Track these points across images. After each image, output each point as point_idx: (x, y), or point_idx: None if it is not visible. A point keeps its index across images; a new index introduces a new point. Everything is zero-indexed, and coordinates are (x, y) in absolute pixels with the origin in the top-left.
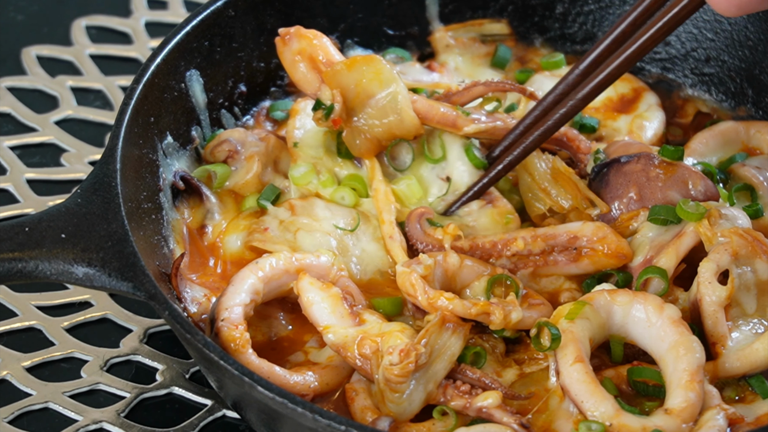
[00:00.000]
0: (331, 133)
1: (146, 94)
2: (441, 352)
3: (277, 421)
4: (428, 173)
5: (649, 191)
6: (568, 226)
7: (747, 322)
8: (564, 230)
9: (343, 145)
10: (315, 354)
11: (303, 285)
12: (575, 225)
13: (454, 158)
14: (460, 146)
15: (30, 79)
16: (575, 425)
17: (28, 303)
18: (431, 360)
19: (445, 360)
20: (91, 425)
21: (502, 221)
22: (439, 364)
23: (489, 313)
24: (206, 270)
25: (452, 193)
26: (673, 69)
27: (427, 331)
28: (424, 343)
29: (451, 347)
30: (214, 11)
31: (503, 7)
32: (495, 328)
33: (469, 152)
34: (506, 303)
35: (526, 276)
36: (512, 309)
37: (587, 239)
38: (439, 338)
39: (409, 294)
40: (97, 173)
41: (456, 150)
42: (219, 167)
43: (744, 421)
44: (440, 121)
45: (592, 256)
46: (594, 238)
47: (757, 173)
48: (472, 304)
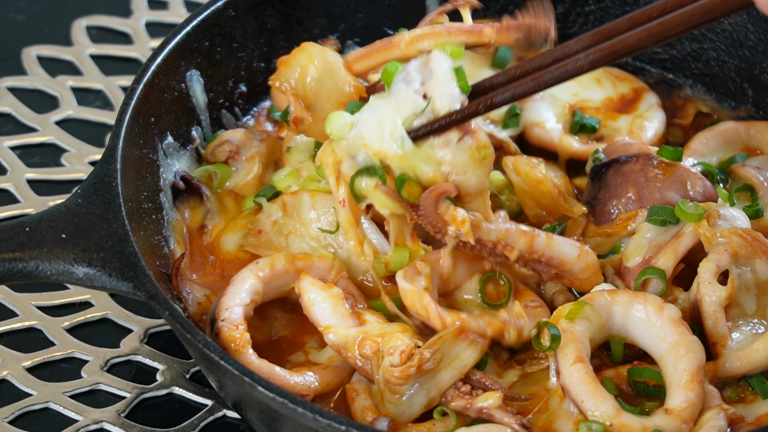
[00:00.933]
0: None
1: (147, 95)
2: (451, 361)
3: (278, 421)
4: (404, 89)
5: (648, 191)
6: (563, 251)
7: (747, 323)
8: (558, 254)
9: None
10: (315, 354)
11: (304, 285)
12: (570, 255)
13: (440, 77)
14: (449, 65)
15: (30, 79)
16: (576, 425)
17: (29, 303)
18: (439, 367)
19: (454, 369)
20: (92, 425)
21: (480, 156)
22: (446, 372)
23: (504, 331)
24: (206, 270)
25: (426, 114)
26: (674, 69)
27: (440, 338)
28: (433, 349)
29: (463, 358)
30: (215, 11)
31: (503, 7)
32: (508, 345)
33: (459, 73)
34: (516, 316)
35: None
36: (524, 324)
37: (574, 273)
38: (453, 347)
39: (419, 314)
40: (97, 173)
41: (443, 68)
42: (220, 168)
43: (744, 421)
44: (379, 49)
45: (569, 281)
46: (581, 276)
47: (758, 173)
48: (487, 325)
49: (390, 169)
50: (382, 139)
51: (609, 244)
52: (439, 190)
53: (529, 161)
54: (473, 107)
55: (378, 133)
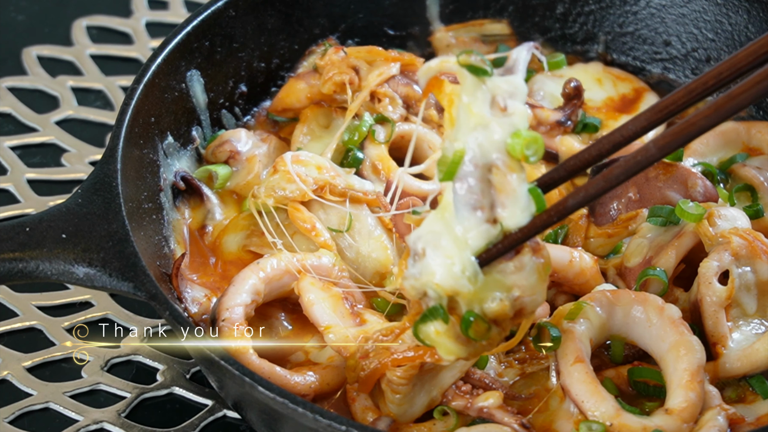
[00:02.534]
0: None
1: (147, 95)
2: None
3: (278, 421)
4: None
5: (649, 191)
6: (554, 258)
7: (747, 323)
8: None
9: (346, 161)
10: (316, 354)
11: (304, 285)
12: (562, 261)
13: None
14: (524, 185)
15: (30, 79)
16: (576, 425)
17: (29, 303)
18: (441, 366)
19: (455, 368)
20: (92, 425)
21: (545, 273)
22: (448, 372)
23: None
24: (207, 270)
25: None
26: (674, 69)
27: None
28: None
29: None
30: (215, 11)
31: (504, 7)
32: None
33: (537, 196)
34: None
35: None
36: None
37: (569, 279)
38: None
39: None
40: (97, 173)
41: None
42: (220, 168)
43: (744, 421)
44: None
45: (568, 287)
46: (577, 281)
47: (758, 173)
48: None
49: (455, 302)
50: (452, 276)
51: (610, 244)
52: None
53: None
54: (545, 217)
55: (448, 270)
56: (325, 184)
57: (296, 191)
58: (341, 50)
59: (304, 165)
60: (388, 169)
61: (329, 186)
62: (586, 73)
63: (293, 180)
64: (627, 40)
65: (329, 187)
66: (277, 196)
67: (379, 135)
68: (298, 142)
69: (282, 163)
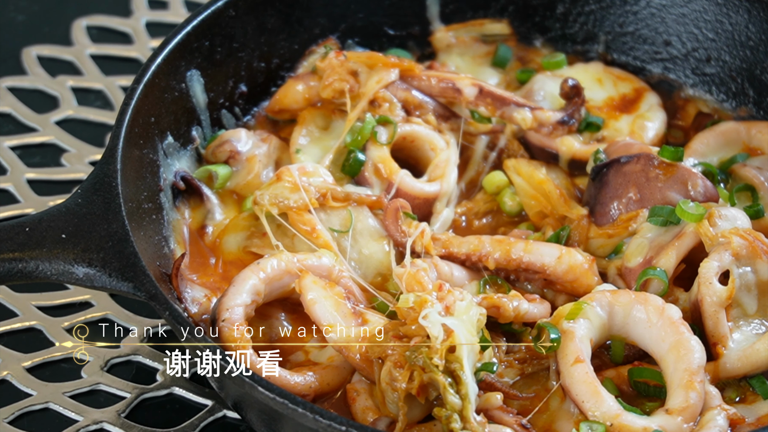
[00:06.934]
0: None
1: (147, 94)
2: None
3: (278, 421)
4: None
5: (649, 192)
6: (543, 254)
7: (748, 323)
8: (538, 258)
9: (347, 163)
10: (316, 354)
11: (306, 284)
12: (550, 256)
13: None
14: None
15: (30, 79)
16: (576, 425)
17: (29, 303)
18: None
19: None
20: (92, 425)
21: None
22: None
23: (499, 306)
24: (207, 270)
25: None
26: (674, 69)
27: None
28: None
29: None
30: (215, 11)
31: (504, 7)
32: (505, 321)
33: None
34: (511, 297)
35: None
36: (520, 300)
37: (558, 276)
38: None
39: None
40: (97, 173)
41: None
42: (220, 168)
43: (745, 421)
44: None
45: (561, 286)
46: (566, 278)
47: (758, 173)
48: (482, 298)
49: None
50: None
51: (611, 245)
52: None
53: (531, 162)
54: None
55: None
56: (327, 191)
57: (300, 201)
58: (342, 54)
59: (309, 176)
60: (390, 170)
61: (331, 192)
62: (586, 73)
63: (297, 190)
64: (627, 40)
65: (331, 192)
66: (281, 206)
67: (381, 136)
68: (297, 144)
69: (288, 174)
